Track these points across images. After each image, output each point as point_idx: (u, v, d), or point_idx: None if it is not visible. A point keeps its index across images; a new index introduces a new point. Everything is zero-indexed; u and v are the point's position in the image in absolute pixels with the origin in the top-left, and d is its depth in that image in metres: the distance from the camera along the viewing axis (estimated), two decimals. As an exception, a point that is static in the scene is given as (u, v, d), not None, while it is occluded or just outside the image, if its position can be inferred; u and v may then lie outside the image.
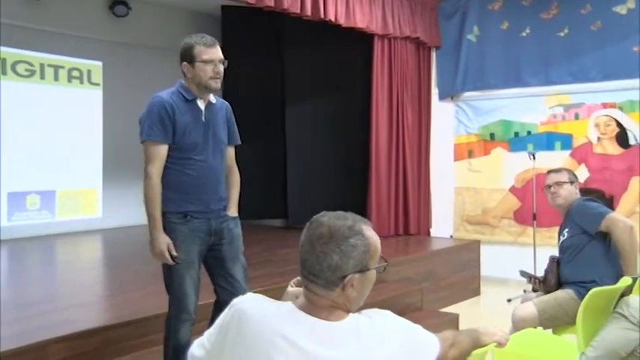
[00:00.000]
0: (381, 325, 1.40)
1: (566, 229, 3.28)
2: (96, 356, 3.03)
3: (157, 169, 2.61)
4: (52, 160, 6.79)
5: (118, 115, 7.28)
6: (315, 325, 1.36)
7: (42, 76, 6.78)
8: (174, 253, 2.59)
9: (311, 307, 1.40)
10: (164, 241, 2.58)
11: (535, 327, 3.17)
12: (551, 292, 3.22)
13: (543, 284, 3.29)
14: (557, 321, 3.07)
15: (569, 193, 3.30)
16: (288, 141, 7.23)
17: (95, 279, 4.76)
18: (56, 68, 6.90)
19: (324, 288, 1.38)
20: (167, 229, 2.62)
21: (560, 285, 3.23)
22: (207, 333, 1.48)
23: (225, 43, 6.70)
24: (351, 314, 1.41)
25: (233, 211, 2.84)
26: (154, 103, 2.63)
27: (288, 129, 7.22)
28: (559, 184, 3.30)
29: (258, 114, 7.04)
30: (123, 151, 7.34)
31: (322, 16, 5.39)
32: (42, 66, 6.78)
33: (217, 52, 2.66)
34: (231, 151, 2.89)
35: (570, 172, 3.41)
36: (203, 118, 2.69)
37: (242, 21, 7.17)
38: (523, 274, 3.46)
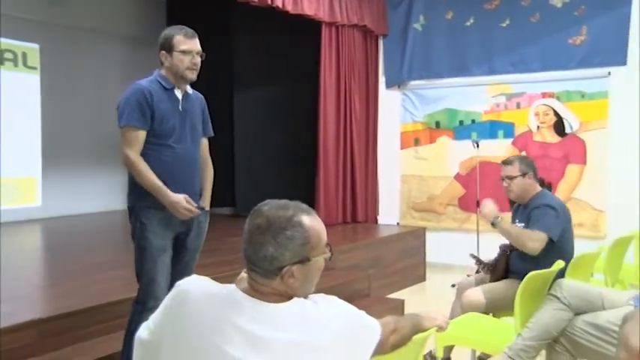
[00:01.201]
0: (326, 310, 1.42)
1: (522, 224, 3.29)
2: (35, 349, 2.94)
3: (135, 152, 2.63)
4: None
5: (57, 100, 7.03)
6: (258, 308, 1.37)
7: (-29, 58, 6.45)
8: (194, 204, 2.65)
9: (254, 293, 1.40)
10: (180, 198, 2.61)
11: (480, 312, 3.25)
12: (498, 280, 3.29)
13: (491, 272, 3.35)
14: (503, 309, 3.14)
15: (520, 186, 3.30)
16: (236, 128, 7.16)
17: (34, 270, 4.61)
18: (-13, 50, 6.57)
19: (264, 277, 1.39)
20: (143, 214, 2.66)
21: (507, 274, 3.29)
22: (152, 316, 1.49)
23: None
24: (295, 298, 1.42)
25: (206, 203, 2.90)
26: (134, 90, 2.67)
27: (237, 116, 7.15)
28: (510, 178, 3.31)
29: (205, 100, 6.93)
30: (63, 138, 7.11)
31: (269, 2, 5.34)
32: (-30, 46, 6.44)
33: (196, 44, 2.72)
34: (205, 143, 2.98)
35: (523, 161, 3.36)
36: (180, 107, 2.75)
37: (189, 6, 7.02)
38: (473, 256, 3.52)
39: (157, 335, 1.42)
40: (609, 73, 5.81)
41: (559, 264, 2.87)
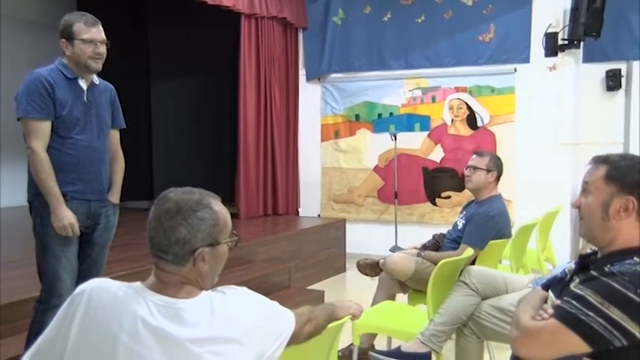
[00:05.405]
0: (236, 302, 1.41)
1: (464, 220, 3.38)
2: None
3: (41, 144, 2.52)
4: None
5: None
6: (166, 304, 1.35)
7: None
8: (77, 231, 2.56)
9: (161, 286, 1.38)
10: (70, 214, 2.52)
11: (400, 280, 3.34)
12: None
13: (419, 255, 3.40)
14: (423, 285, 3.08)
15: (479, 180, 3.36)
16: (153, 120, 6.98)
17: None
18: None
19: (174, 264, 1.38)
20: (45, 209, 2.54)
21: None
22: (42, 336, 1.40)
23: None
24: (203, 291, 1.41)
25: (115, 197, 2.80)
26: (32, 79, 2.54)
27: (154, 107, 6.96)
28: (474, 168, 3.35)
29: (120, 91, 6.69)
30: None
31: (186, -9, 5.23)
32: None
33: (99, 33, 2.61)
34: (115, 135, 2.86)
35: (493, 159, 3.40)
36: (85, 98, 2.64)
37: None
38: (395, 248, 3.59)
39: (59, 346, 1.34)
40: (515, 70, 6.12)
41: (468, 252, 3.01)
